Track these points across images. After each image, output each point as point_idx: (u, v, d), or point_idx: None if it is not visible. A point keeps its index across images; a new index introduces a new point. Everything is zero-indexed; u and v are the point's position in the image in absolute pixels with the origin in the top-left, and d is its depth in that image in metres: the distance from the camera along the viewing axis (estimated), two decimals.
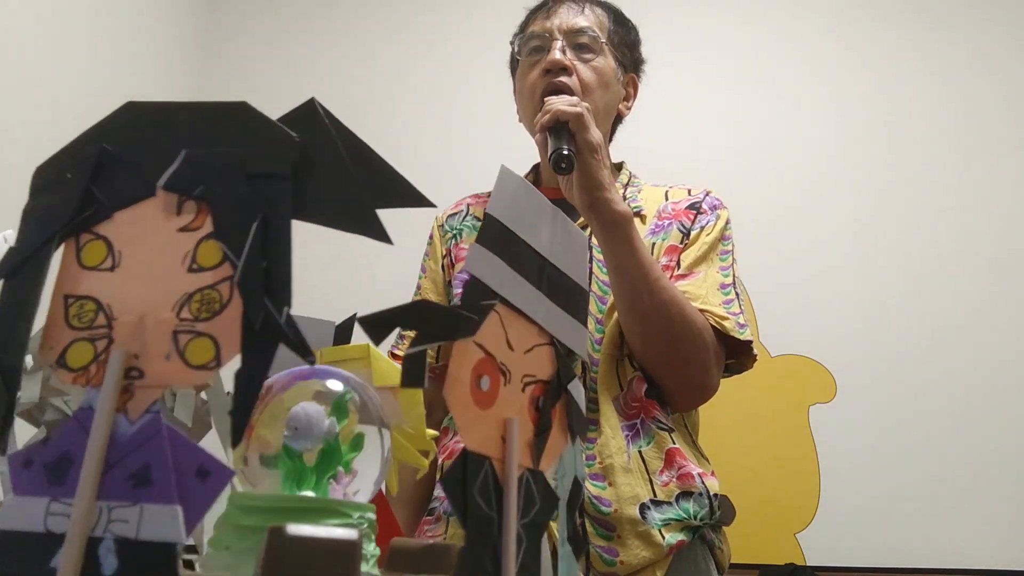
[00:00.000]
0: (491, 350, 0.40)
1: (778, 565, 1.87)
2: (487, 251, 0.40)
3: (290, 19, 2.49)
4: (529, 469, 0.41)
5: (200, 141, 0.38)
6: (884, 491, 1.93)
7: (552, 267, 0.44)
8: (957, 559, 1.87)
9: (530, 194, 0.44)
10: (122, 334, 0.36)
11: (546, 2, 1.21)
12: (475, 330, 0.38)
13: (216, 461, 0.34)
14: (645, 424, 1.03)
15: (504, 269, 0.41)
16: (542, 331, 0.43)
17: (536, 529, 0.40)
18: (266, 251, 0.35)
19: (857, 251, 2.10)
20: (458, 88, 2.35)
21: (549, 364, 0.44)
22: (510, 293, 0.41)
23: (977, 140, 2.15)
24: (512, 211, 0.42)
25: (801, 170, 2.18)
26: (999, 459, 1.92)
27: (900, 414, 1.97)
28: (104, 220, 0.39)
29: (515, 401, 0.41)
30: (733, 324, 1.04)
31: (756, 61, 2.27)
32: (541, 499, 0.41)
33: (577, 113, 0.99)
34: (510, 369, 0.41)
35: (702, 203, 1.15)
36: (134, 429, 0.35)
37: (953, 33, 2.22)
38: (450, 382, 0.37)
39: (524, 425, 0.41)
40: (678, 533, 0.99)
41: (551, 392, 0.43)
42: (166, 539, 0.33)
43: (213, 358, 0.35)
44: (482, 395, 0.39)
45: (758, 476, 1.95)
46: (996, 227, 2.09)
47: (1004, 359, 1.99)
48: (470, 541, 0.36)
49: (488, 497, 0.38)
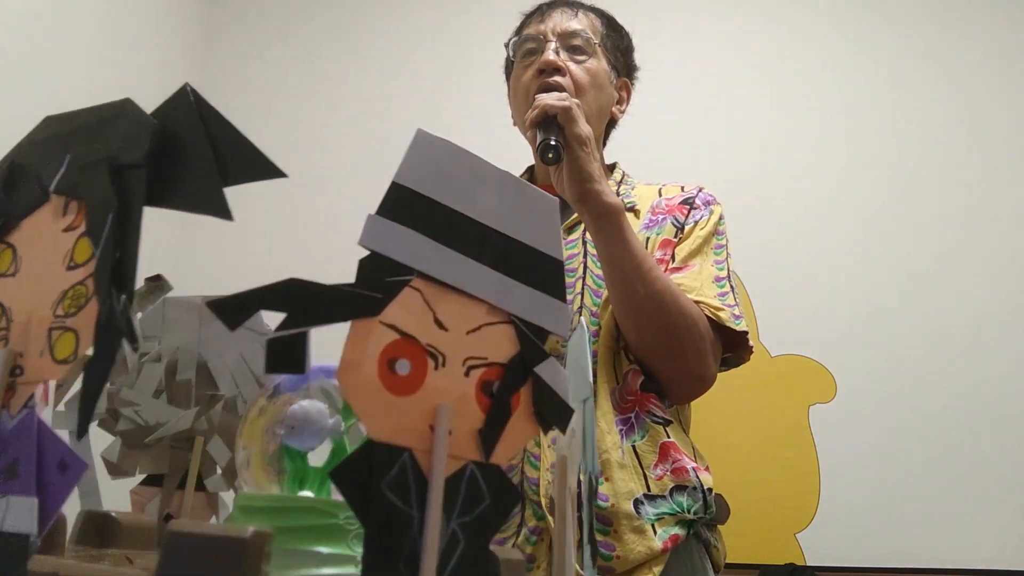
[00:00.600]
0: (410, 331, 0.36)
1: (778, 565, 1.87)
2: (389, 222, 0.37)
3: (289, 18, 2.50)
4: (477, 462, 0.37)
5: (86, 142, 0.38)
6: (884, 491, 1.93)
7: (502, 237, 0.40)
8: (957, 559, 1.86)
9: (459, 158, 0.40)
10: (14, 334, 0.38)
11: (540, 6, 1.23)
12: (377, 310, 0.35)
13: (73, 454, 0.35)
14: (639, 418, 1.03)
15: (419, 241, 0.37)
16: (494, 309, 0.39)
17: (481, 528, 0.36)
18: (118, 242, 0.35)
19: (858, 251, 2.10)
20: (455, 87, 2.36)
21: (507, 345, 0.39)
22: (434, 267, 0.38)
23: (983, 142, 2.15)
24: (432, 178, 0.38)
25: (804, 170, 2.18)
26: (999, 459, 1.92)
27: (900, 414, 1.97)
28: (13, 229, 0.40)
29: (454, 386, 0.37)
30: (728, 315, 1.05)
31: (761, 62, 2.28)
32: (492, 495, 0.37)
33: (565, 106, 1.00)
34: (443, 351, 0.37)
35: (695, 198, 1.16)
36: (12, 425, 0.36)
37: (961, 34, 2.22)
38: (344, 366, 0.35)
39: (466, 413, 0.37)
40: (671, 528, 0.99)
41: (511, 376, 0.39)
42: (22, 531, 0.33)
43: (73, 352, 0.35)
44: (399, 380, 0.36)
45: (758, 476, 1.95)
46: (999, 229, 2.08)
47: (1004, 359, 1.98)
48: (374, 540, 0.33)
49: (405, 492, 0.34)
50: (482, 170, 0.41)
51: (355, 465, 0.34)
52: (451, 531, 0.35)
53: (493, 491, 0.37)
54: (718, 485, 1.06)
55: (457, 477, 0.36)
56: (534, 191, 0.43)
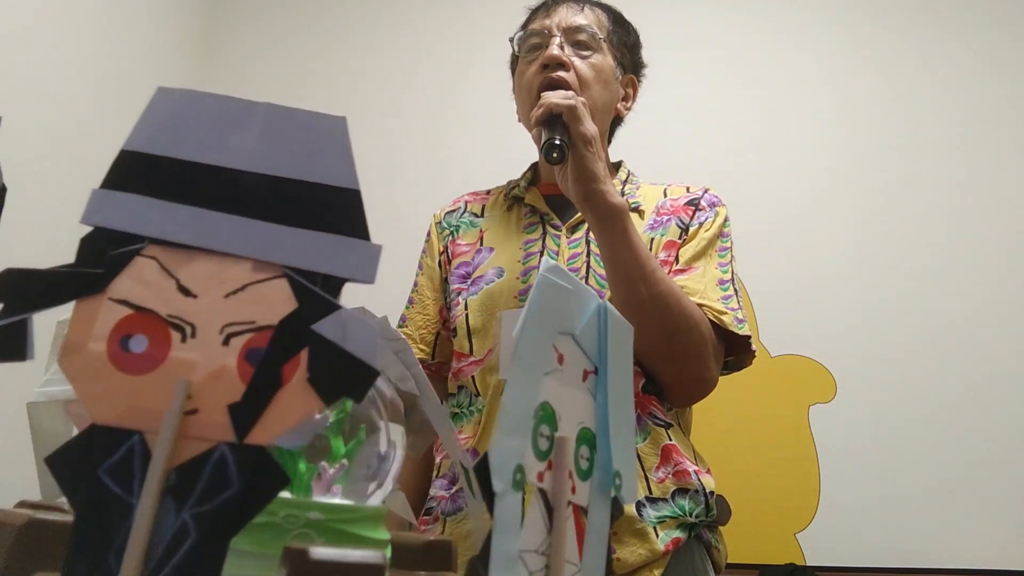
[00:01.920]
0: (147, 304, 0.33)
1: (778, 565, 1.87)
2: (112, 192, 0.34)
3: (289, 18, 2.49)
4: (232, 443, 0.32)
5: None
6: (884, 491, 1.93)
7: (267, 179, 0.36)
8: (957, 559, 1.86)
9: (205, 105, 0.36)
10: None
11: (546, 2, 1.22)
12: (100, 286, 0.33)
13: None
14: (641, 420, 1.02)
15: (148, 205, 0.34)
16: (261, 264, 0.35)
17: (224, 519, 0.31)
18: None
19: (858, 251, 2.10)
20: (457, 87, 2.35)
21: (281, 303, 0.34)
22: (168, 230, 0.34)
23: (980, 141, 2.14)
24: (168, 135, 0.35)
25: (803, 170, 2.18)
26: (999, 459, 1.92)
27: (900, 414, 1.97)
28: None
29: (208, 359, 0.33)
30: (731, 319, 1.04)
31: (759, 62, 2.27)
32: (246, 480, 0.32)
33: (570, 105, 0.99)
34: (192, 321, 0.33)
35: (701, 200, 1.15)
36: None
37: (957, 34, 2.22)
38: (66, 349, 0.32)
39: (223, 387, 0.33)
40: (673, 531, 0.99)
41: (282, 339, 0.33)
42: None
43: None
44: (133, 358, 0.33)
45: (758, 476, 1.95)
46: (997, 228, 2.08)
47: (1004, 359, 1.98)
48: (82, 528, 0.30)
49: (127, 478, 0.31)
50: (238, 112, 0.36)
51: (71, 449, 0.31)
52: (181, 522, 0.31)
53: (248, 476, 0.32)
54: (718, 485, 1.06)
55: (200, 461, 0.32)
56: (310, 115, 0.37)
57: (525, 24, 1.24)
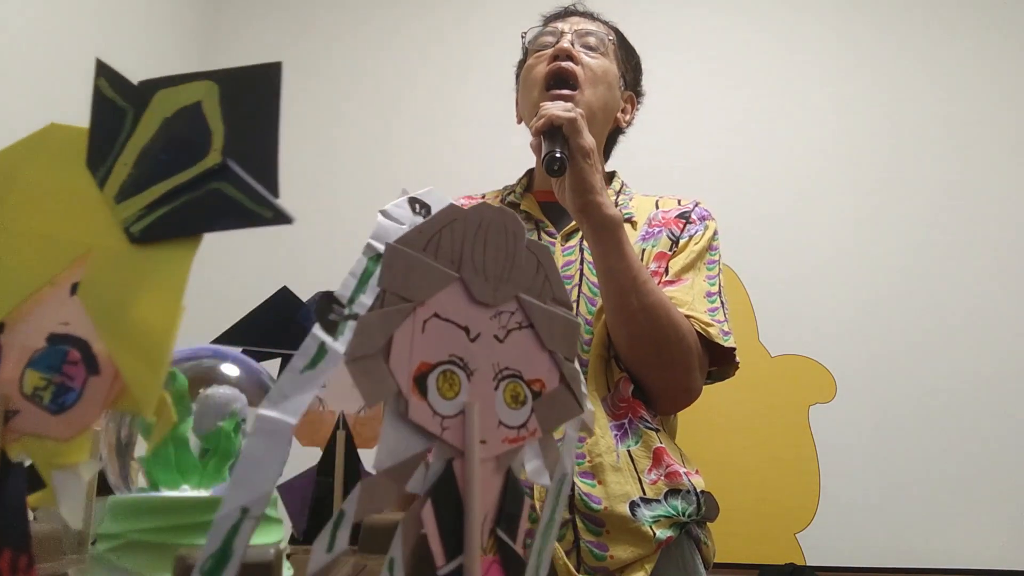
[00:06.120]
0: None
1: (778, 565, 1.88)
2: None
3: (289, 19, 2.51)
4: None
5: None
6: (884, 491, 1.94)
7: None
8: (957, 559, 1.87)
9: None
10: None
11: (560, 11, 1.26)
12: None
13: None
14: (633, 424, 1.04)
15: None
16: None
17: None
18: None
19: (857, 251, 2.11)
20: (456, 90, 2.37)
21: None
22: None
23: (975, 140, 2.15)
24: None
25: (801, 170, 2.18)
26: (999, 459, 1.92)
27: (900, 414, 1.98)
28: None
29: None
30: (718, 331, 1.06)
31: (755, 62, 2.28)
32: None
33: (571, 118, 1.01)
34: None
35: (691, 213, 1.17)
36: None
37: (951, 33, 2.23)
38: None
39: None
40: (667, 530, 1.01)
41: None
42: None
43: None
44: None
45: (758, 476, 1.96)
46: (995, 226, 2.09)
47: (1004, 359, 1.99)
48: None
49: None
50: None
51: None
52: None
53: None
54: (718, 485, 1.08)
55: None
56: None
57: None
